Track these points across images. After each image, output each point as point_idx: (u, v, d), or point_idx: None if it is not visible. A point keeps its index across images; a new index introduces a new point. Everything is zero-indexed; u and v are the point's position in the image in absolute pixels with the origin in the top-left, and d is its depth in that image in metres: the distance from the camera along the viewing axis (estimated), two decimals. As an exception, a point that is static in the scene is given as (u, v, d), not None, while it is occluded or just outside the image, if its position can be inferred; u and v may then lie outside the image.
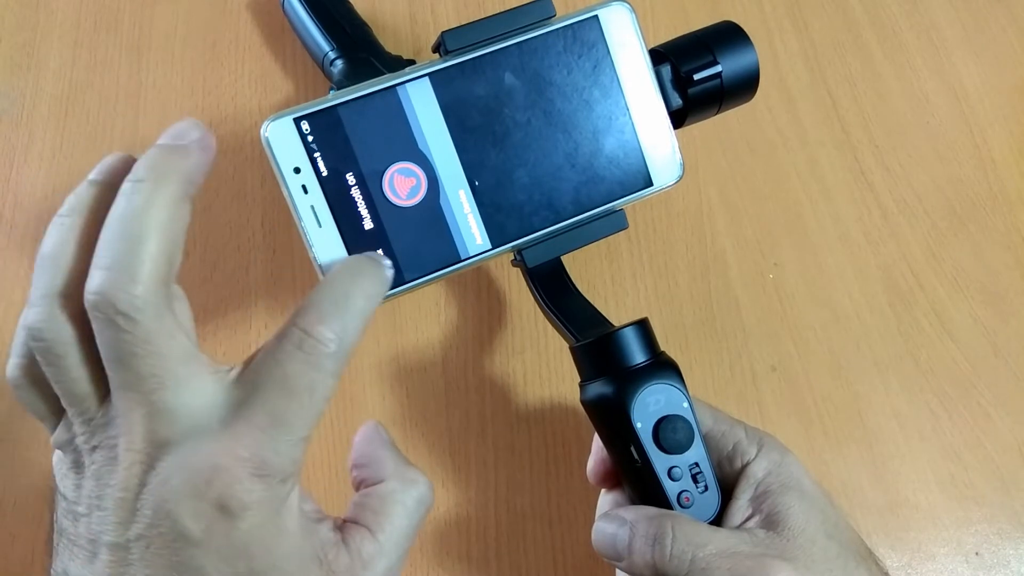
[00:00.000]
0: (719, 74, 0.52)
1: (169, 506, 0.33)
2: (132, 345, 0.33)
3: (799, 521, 0.45)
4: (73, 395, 0.35)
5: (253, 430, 0.34)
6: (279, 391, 0.34)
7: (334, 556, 0.36)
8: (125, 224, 0.33)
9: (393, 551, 0.38)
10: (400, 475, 0.41)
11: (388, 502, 0.39)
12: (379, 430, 0.44)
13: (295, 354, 0.35)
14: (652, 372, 0.48)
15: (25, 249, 0.68)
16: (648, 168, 0.52)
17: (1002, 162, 0.74)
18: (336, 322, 0.36)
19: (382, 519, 0.39)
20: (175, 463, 0.33)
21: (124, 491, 0.33)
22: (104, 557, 0.34)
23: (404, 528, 0.39)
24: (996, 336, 0.68)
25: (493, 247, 0.50)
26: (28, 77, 0.74)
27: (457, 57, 0.49)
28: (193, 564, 0.33)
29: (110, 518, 0.34)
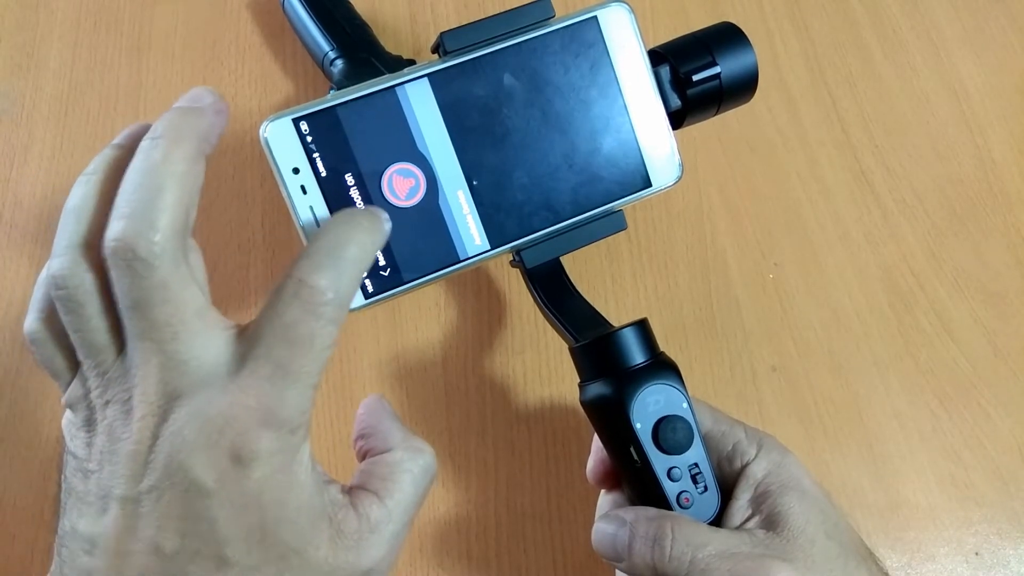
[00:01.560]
0: (718, 75, 0.52)
1: (182, 456, 0.33)
2: (149, 291, 0.33)
3: (799, 521, 0.45)
4: (91, 345, 0.35)
5: (259, 381, 0.34)
6: (280, 341, 0.35)
7: (343, 516, 0.37)
8: (144, 176, 0.34)
9: (400, 517, 0.39)
10: (407, 444, 0.41)
11: (396, 470, 0.40)
12: (382, 402, 0.44)
13: (292, 303, 0.35)
14: (651, 372, 0.48)
15: (25, 249, 0.68)
16: (647, 169, 0.52)
17: (1002, 162, 0.74)
18: (331, 271, 0.36)
19: (390, 485, 0.39)
20: (188, 414, 0.34)
21: (137, 443, 0.34)
22: (114, 511, 0.34)
23: (411, 495, 0.40)
24: (996, 336, 0.68)
25: (492, 248, 0.50)
26: (28, 77, 0.74)
27: (456, 58, 0.49)
28: (206, 515, 0.33)
29: (121, 471, 0.34)
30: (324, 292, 0.35)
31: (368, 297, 0.49)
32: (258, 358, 0.34)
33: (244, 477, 0.33)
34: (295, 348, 0.35)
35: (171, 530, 0.33)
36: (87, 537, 0.35)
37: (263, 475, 0.34)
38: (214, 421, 0.33)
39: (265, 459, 0.34)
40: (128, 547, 0.34)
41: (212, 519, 0.33)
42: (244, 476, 0.33)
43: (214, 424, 0.33)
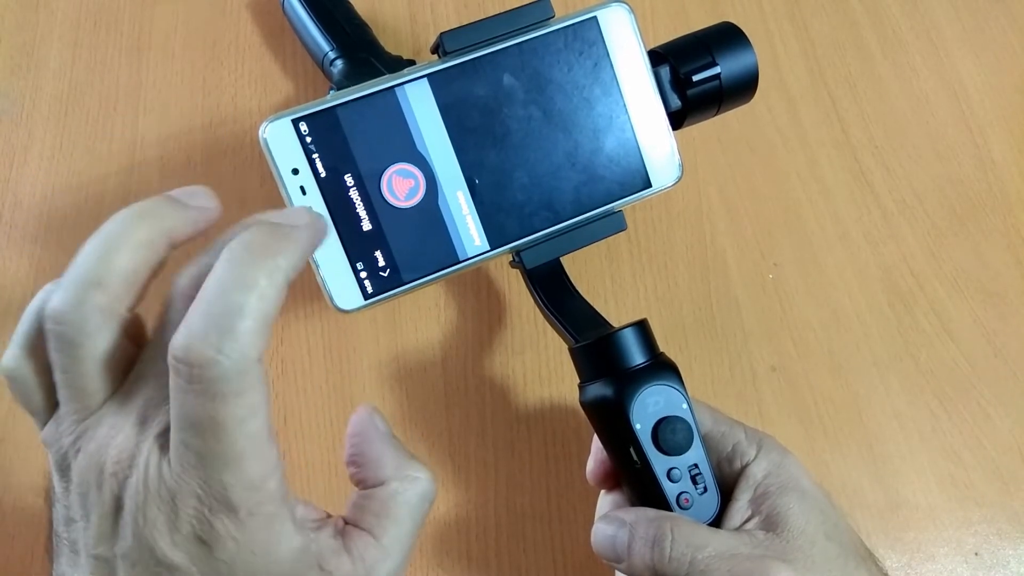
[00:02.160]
0: (718, 75, 0.52)
1: (147, 533, 0.32)
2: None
3: (799, 522, 0.45)
4: (76, 389, 0.34)
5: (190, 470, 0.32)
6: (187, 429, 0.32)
7: (336, 564, 0.36)
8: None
9: (397, 553, 0.38)
10: (401, 473, 0.39)
11: (390, 504, 0.38)
12: (373, 419, 0.41)
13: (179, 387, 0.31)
14: (651, 373, 0.48)
15: (25, 249, 0.68)
16: (647, 169, 0.52)
17: (1002, 162, 0.74)
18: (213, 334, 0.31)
19: (385, 522, 0.38)
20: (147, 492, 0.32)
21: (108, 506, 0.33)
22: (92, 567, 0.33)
23: (408, 529, 0.38)
24: (996, 336, 0.68)
25: (492, 248, 0.50)
26: (28, 77, 0.74)
27: (456, 58, 0.49)
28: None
29: (95, 531, 0.33)
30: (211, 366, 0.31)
31: (367, 298, 0.49)
32: (178, 448, 0.32)
33: (212, 557, 0.32)
34: (205, 435, 0.31)
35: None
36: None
37: (232, 555, 0.33)
38: (170, 505, 0.32)
39: (229, 539, 0.32)
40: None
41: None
42: (211, 556, 0.32)
43: (171, 507, 0.32)
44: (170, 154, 0.71)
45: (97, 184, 0.70)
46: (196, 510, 0.32)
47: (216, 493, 0.32)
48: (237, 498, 0.32)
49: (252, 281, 0.32)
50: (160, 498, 0.32)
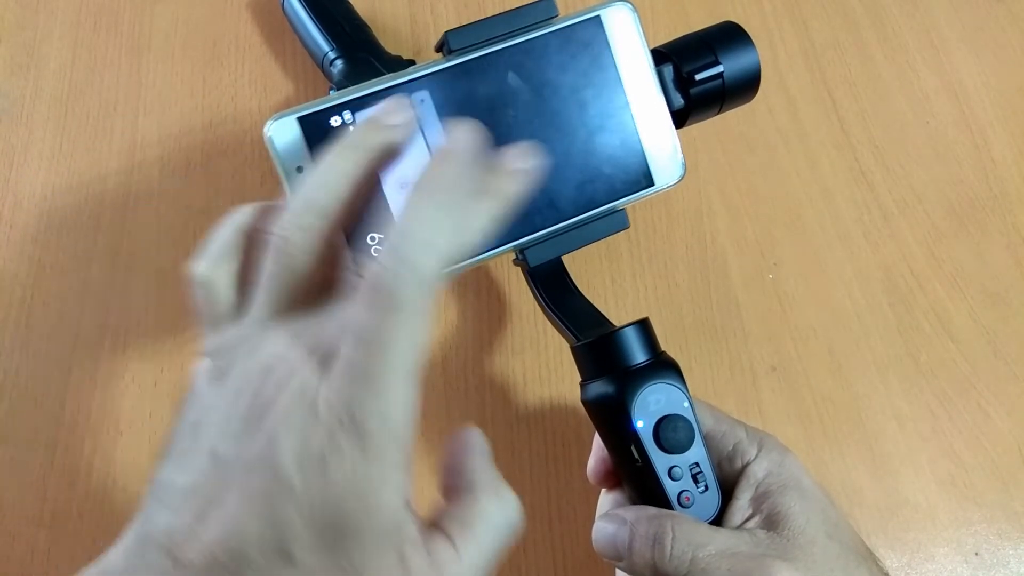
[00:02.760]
0: (721, 74, 0.53)
1: (279, 441, 0.32)
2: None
3: (799, 521, 0.45)
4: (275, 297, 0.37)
5: (339, 382, 0.33)
6: (350, 339, 0.33)
7: (413, 553, 0.35)
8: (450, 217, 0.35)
9: (472, 568, 0.36)
10: (494, 492, 0.39)
11: (477, 518, 0.37)
12: (479, 438, 0.41)
13: (366, 304, 0.33)
14: (653, 372, 0.48)
15: (25, 249, 0.68)
16: (650, 168, 0.52)
17: (1002, 162, 0.74)
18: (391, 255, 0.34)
19: (467, 533, 0.37)
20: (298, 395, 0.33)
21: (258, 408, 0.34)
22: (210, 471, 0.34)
23: (488, 548, 0.37)
24: (996, 336, 0.68)
25: (495, 246, 0.50)
26: (28, 77, 0.74)
27: (460, 56, 0.49)
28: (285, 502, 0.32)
29: (232, 430, 0.34)
30: (391, 289, 0.33)
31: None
32: (340, 361, 0.33)
33: (325, 477, 0.32)
34: (367, 353, 0.33)
35: (248, 510, 0.32)
36: (178, 490, 0.34)
37: (343, 479, 0.32)
38: (312, 415, 0.32)
39: (347, 462, 0.32)
40: (206, 513, 0.33)
41: (290, 510, 0.32)
42: (325, 475, 0.32)
43: (312, 418, 0.32)
44: (170, 154, 0.71)
45: (97, 184, 0.70)
46: (331, 425, 0.32)
47: (356, 413, 0.32)
48: (371, 426, 0.32)
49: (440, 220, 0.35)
50: (305, 409, 0.33)
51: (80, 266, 0.67)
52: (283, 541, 0.32)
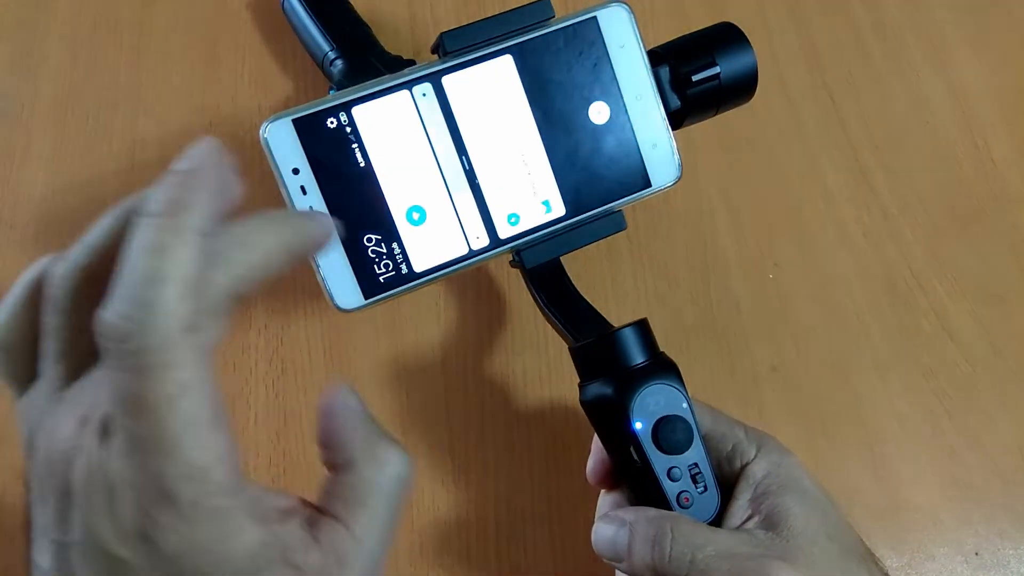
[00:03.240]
0: (717, 75, 0.52)
1: (93, 520, 0.30)
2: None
3: (799, 522, 0.45)
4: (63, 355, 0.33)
5: (123, 458, 0.30)
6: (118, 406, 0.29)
7: (303, 558, 0.33)
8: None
9: (372, 541, 0.34)
10: (371, 455, 0.36)
11: (361, 490, 0.35)
12: (346, 398, 0.38)
13: (107, 360, 0.30)
14: (651, 372, 0.48)
15: (25, 249, 0.68)
16: (646, 169, 0.52)
17: (1002, 162, 0.74)
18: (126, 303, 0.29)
19: (356, 510, 0.35)
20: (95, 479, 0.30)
21: (61, 489, 0.31)
22: (53, 552, 0.32)
23: (383, 515, 0.35)
24: (996, 336, 0.68)
25: (493, 247, 0.50)
26: (28, 77, 0.74)
27: (456, 58, 0.49)
28: None
29: (52, 514, 0.32)
30: (128, 340, 0.28)
31: (368, 298, 0.49)
32: (114, 432, 0.30)
33: (157, 552, 0.30)
34: (135, 415, 0.29)
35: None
36: (41, 570, 0.33)
37: (178, 549, 0.30)
38: (110, 494, 0.30)
39: (172, 533, 0.30)
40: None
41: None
42: (157, 551, 0.30)
43: (111, 497, 0.30)
44: (170, 154, 0.70)
45: (97, 184, 0.70)
46: (135, 501, 0.29)
47: (153, 482, 0.29)
48: (176, 488, 0.29)
49: (162, 245, 0.30)
50: (101, 487, 0.30)
51: (80, 266, 0.67)
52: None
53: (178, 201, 0.31)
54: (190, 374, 0.29)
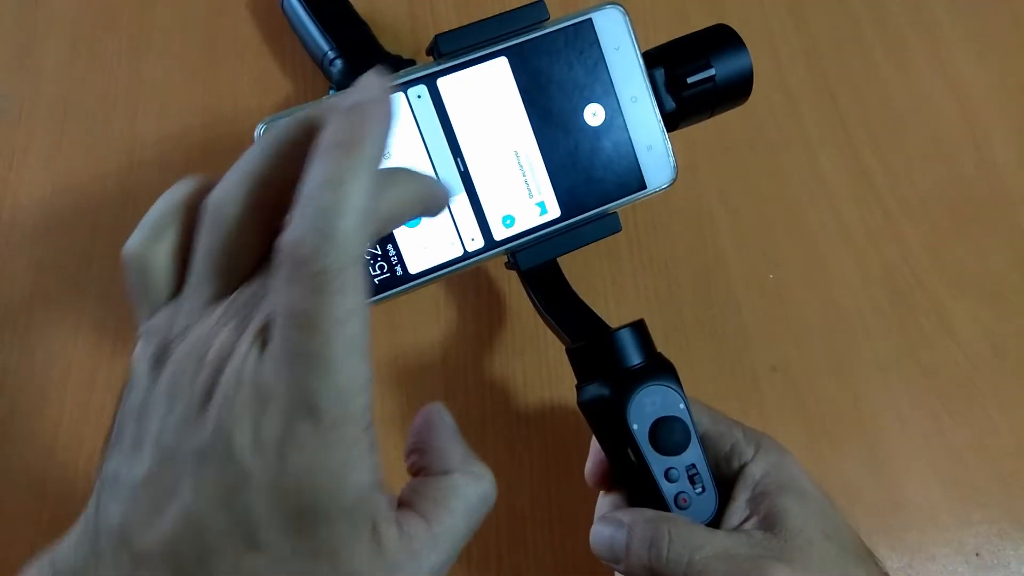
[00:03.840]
0: (712, 77, 0.52)
1: (228, 429, 0.31)
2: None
3: (797, 522, 0.45)
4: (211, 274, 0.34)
5: (280, 365, 0.31)
6: (285, 321, 0.31)
7: (385, 531, 0.33)
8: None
9: (446, 547, 0.35)
10: (466, 468, 0.38)
11: (451, 495, 0.36)
12: (443, 415, 0.41)
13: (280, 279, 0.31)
14: (648, 373, 0.48)
15: (24, 249, 0.68)
16: (641, 171, 0.52)
17: (1003, 162, 0.74)
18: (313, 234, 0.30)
19: (441, 511, 0.36)
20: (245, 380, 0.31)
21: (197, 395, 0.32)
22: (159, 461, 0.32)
23: (462, 525, 0.36)
24: (998, 336, 0.68)
25: (488, 249, 0.50)
26: (27, 77, 0.74)
27: (451, 60, 0.49)
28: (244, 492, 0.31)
29: (176, 419, 0.32)
30: (310, 262, 0.30)
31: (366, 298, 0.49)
32: (275, 343, 0.31)
33: (284, 465, 0.31)
34: (302, 330, 0.30)
35: (208, 497, 0.31)
36: (128, 482, 0.33)
37: (304, 466, 0.31)
38: (258, 401, 0.31)
39: (306, 448, 0.31)
40: (163, 504, 0.31)
41: (250, 499, 0.31)
42: (283, 464, 0.31)
43: (259, 405, 0.31)
44: (169, 154, 0.71)
45: (96, 184, 0.70)
46: (282, 411, 0.30)
47: (304, 396, 0.30)
48: (324, 406, 0.30)
49: (343, 177, 0.31)
50: (250, 393, 0.31)
51: (80, 266, 0.67)
52: (247, 528, 0.31)
53: (357, 134, 0.32)
54: (357, 302, 0.31)
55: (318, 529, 0.32)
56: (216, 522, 0.31)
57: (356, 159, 0.31)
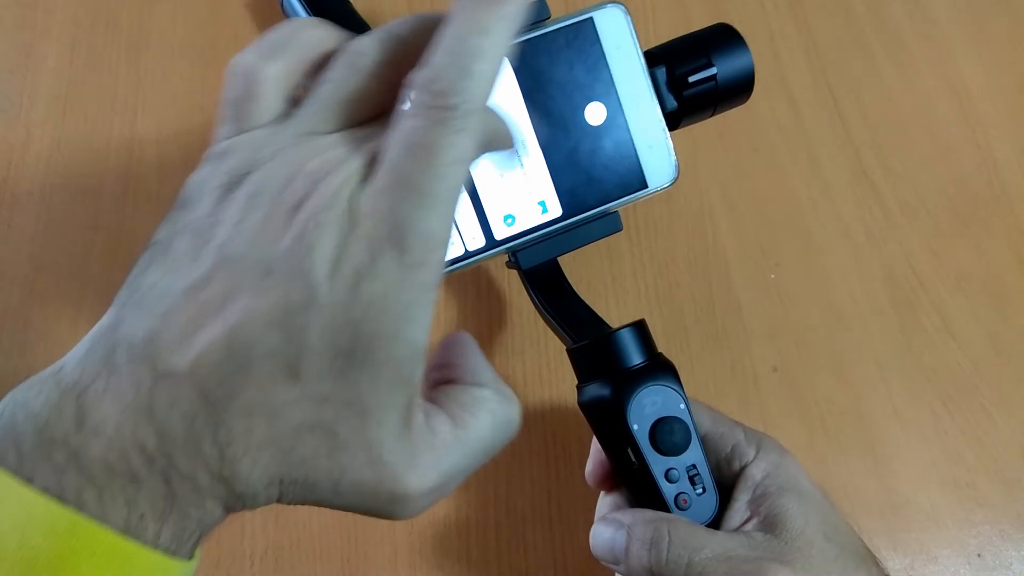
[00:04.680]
0: (714, 76, 0.52)
1: (307, 244, 0.29)
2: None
3: (797, 523, 0.45)
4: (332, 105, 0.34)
5: (380, 191, 0.30)
6: (400, 148, 0.31)
7: (416, 413, 0.33)
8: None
9: (467, 453, 0.34)
10: (498, 387, 0.37)
11: (481, 406, 0.35)
12: (472, 341, 0.39)
13: (415, 114, 0.31)
14: (649, 374, 0.48)
15: (24, 249, 0.68)
16: (643, 170, 0.52)
17: (1004, 161, 0.74)
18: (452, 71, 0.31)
19: (468, 417, 0.35)
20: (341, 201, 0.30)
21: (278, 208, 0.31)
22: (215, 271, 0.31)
23: (487, 438, 0.35)
24: (998, 336, 0.68)
25: (489, 248, 0.50)
26: (26, 76, 0.74)
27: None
28: (303, 312, 0.30)
29: (248, 231, 0.31)
30: (444, 96, 0.30)
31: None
32: (384, 166, 0.31)
33: (357, 291, 0.30)
34: (415, 158, 0.30)
35: (260, 314, 0.29)
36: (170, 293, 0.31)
37: (376, 299, 0.30)
38: (349, 221, 0.30)
39: (381, 281, 0.30)
40: (206, 318, 0.30)
41: (307, 320, 0.30)
42: (357, 290, 0.30)
43: (349, 224, 0.30)
44: (168, 153, 0.71)
45: (96, 183, 0.70)
46: (370, 236, 0.30)
47: (397, 226, 0.30)
48: (412, 242, 0.30)
49: (488, 27, 0.32)
50: (343, 211, 0.30)
51: (80, 266, 0.67)
52: (294, 354, 0.30)
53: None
54: (471, 151, 0.32)
55: (359, 381, 0.31)
56: (263, 342, 0.29)
57: (502, 12, 0.32)
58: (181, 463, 0.29)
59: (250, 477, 0.30)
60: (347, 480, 0.32)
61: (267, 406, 0.30)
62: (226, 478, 0.30)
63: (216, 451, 0.30)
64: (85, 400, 0.29)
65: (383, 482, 0.32)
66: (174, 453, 0.29)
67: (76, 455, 0.29)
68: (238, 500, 0.31)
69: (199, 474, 0.30)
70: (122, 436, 0.29)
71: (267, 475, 0.31)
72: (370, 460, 0.31)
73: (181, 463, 0.29)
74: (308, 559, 0.61)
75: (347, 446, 0.31)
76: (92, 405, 0.29)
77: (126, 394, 0.29)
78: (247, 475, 0.30)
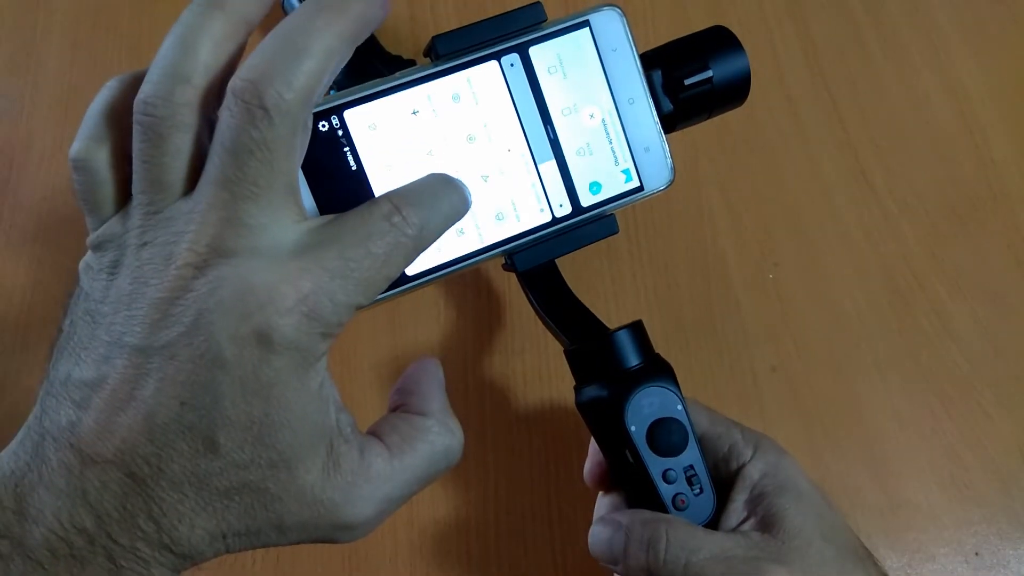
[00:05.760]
0: (710, 79, 0.52)
1: (210, 317, 0.31)
2: (255, 144, 0.32)
3: (795, 523, 0.45)
4: (157, 181, 0.33)
5: (320, 271, 0.32)
6: (358, 245, 0.33)
7: (345, 451, 0.34)
8: (297, 34, 0.34)
9: (400, 483, 0.36)
10: (442, 418, 0.40)
11: (419, 436, 0.38)
12: (436, 368, 0.43)
13: (380, 221, 0.34)
14: (646, 375, 0.48)
15: (25, 249, 0.68)
16: (639, 173, 0.52)
17: (1002, 162, 0.74)
18: (424, 210, 0.36)
19: (406, 447, 0.37)
20: (231, 274, 0.31)
21: (167, 292, 0.31)
22: (119, 361, 0.32)
23: (422, 468, 0.37)
24: (996, 336, 0.68)
25: (486, 250, 0.50)
26: (27, 77, 0.74)
27: (448, 62, 0.49)
28: (212, 387, 0.31)
29: (141, 318, 0.32)
30: (412, 225, 0.35)
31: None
32: (330, 250, 0.33)
33: (264, 362, 0.31)
34: (368, 257, 0.33)
35: (171, 396, 0.31)
36: (81, 384, 0.32)
37: (281, 367, 0.31)
38: (256, 292, 0.31)
39: (292, 351, 0.31)
40: (120, 405, 0.31)
41: (218, 395, 0.31)
42: (264, 361, 0.31)
43: (255, 295, 0.31)
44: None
45: (97, 184, 0.70)
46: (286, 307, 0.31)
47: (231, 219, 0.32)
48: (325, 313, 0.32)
49: (317, 29, 0.33)
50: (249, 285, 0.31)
51: (80, 266, 0.67)
52: (210, 426, 0.31)
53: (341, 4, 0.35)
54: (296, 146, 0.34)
55: (278, 438, 0.32)
56: (182, 419, 0.31)
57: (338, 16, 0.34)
58: (121, 539, 0.31)
59: (191, 540, 0.32)
60: (288, 523, 0.34)
61: (194, 476, 0.31)
62: (167, 545, 0.32)
63: (152, 524, 0.31)
64: (22, 490, 0.31)
65: (323, 517, 0.34)
66: (112, 531, 0.31)
67: (20, 543, 0.31)
68: (185, 560, 0.33)
69: (140, 546, 0.31)
70: (61, 521, 0.31)
71: (207, 534, 0.32)
72: (306, 504, 0.34)
73: (121, 539, 0.31)
74: (309, 558, 0.61)
75: (280, 498, 0.33)
76: (29, 494, 0.31)
77: (58, 482, 0.31)
78: (187, 538, 0.32)
